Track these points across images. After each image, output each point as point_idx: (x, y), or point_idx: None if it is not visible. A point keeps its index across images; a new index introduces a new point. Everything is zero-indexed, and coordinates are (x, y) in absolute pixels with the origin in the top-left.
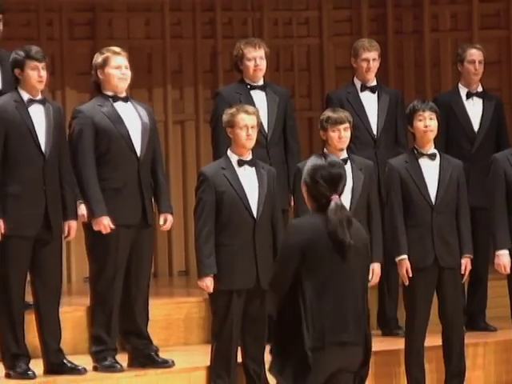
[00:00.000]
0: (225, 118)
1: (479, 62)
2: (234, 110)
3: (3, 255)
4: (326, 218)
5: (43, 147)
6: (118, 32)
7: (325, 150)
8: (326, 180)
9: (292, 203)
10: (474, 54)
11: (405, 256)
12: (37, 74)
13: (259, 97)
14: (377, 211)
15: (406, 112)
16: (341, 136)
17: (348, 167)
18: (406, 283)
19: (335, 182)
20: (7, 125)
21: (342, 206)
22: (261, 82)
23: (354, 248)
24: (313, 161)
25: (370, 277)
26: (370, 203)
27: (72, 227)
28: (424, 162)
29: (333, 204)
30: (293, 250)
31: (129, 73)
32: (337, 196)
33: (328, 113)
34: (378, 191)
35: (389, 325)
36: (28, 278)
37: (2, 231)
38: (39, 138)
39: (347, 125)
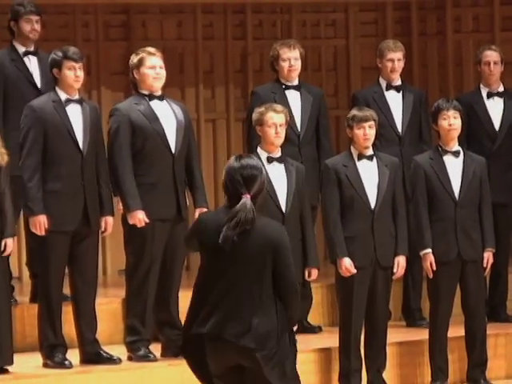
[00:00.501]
0: (254, 116)
1: (494, 63)
2: (262, 108)
3: (44, 250)
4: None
5: (81, 145)
6: (152, 33)
7: (351, 147)
8: (238, 181)
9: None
10: (489, 55)
11: (429, 250)
12: (73, 74)
13: (294, 96)
14: (402, 206)
15: (430, 110)
16: (366, 134)
17: (374, 164)
18: (430, 276)
19: (247, 183)
20: (46, 124)
21: (248, 206)
22: (295, 82)
23: (243, 249)
24: (229, 162)
25: (395, 269)
26: (395, 198)
27: (109, 223)
28: (448, 159)
29: (241, 201)
30: (191, 238)
31: (163, 72)
32: (248, 195)
33: (354, 111)
34: (403, 187)
35: (413, 316)
36: (66, 271)
37: (46, 226)
38: (77, 137)
39: (372, 123)
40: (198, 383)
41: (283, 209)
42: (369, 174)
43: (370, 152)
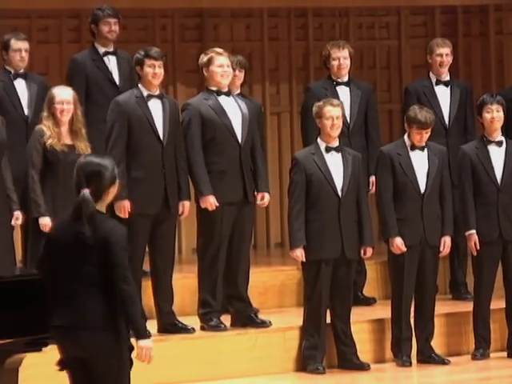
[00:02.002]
0: (314, 110)
1: None
2: (321, 103)
3: (128, 231)
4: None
5: (161, 136)
6: (223, 35)
7: (405, 137)
8: (80, 176)
9: (371, 184)
10: None
11: (473, 231)
12: (152, 71)
13: (344, 91)
14: (449, 191)
15: (475, 104)
16: (422, 137)
17: (425, 153)
18: (475, 254)
19: (88, 179)
20: (129, 118)
21: (85, 197)
22: (345, 79)
23: (90, 243)
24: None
25: (441, 248)
26: (443, 184)
27: (186, 206)
28: (492, 149)
29: (80, 194)
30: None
31: (230, 71)
32: (87, 190)
33: (417, 114)
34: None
35: (459, 290)
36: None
37: (129, 210)
38: (158, 129)
39: (430, 128)
40: (263, 352)
41: (339, 193)
42: (420, 162)
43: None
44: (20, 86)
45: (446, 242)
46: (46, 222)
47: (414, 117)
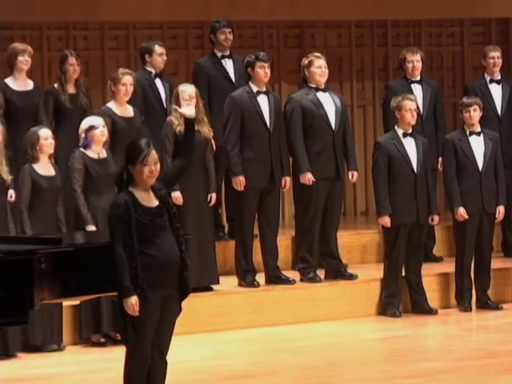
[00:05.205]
0: (394, 103)
1: None
2: (400, 98)
3: (241, 201)
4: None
5: (268, 125)
6: (318, 42)
7: (464, 126)
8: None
9: (439, 164)
10: None
11: None
12: (263, 72)
13: (417, 88)
14: (502, 168)
15: None
16: (471, 115)
17: (481, 138)
18: None
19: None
20: (242, 110)
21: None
22: (418, 78)
23: None
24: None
25: (497, 215)
26: (497, 163)
27: (287, 181)
28: None
29: None
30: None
31: (327, 71)
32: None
33: (463, 99)
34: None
35: (510, 249)
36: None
37: (244, 184)
38: (265, 119)
39: (476, 107)
40: (351, 299)
41: (415, 170)
42: (477, 145)
43: (478, 129)
44: (158, 83)
45: (501, 210)
46: (177, 196)
47: (462, 102)
